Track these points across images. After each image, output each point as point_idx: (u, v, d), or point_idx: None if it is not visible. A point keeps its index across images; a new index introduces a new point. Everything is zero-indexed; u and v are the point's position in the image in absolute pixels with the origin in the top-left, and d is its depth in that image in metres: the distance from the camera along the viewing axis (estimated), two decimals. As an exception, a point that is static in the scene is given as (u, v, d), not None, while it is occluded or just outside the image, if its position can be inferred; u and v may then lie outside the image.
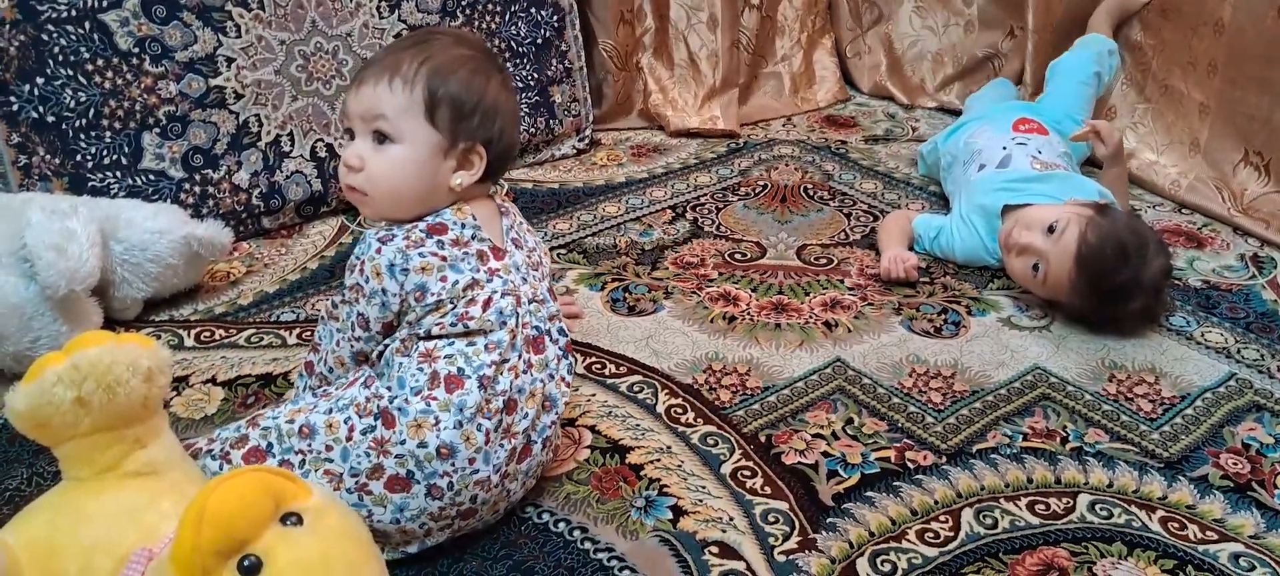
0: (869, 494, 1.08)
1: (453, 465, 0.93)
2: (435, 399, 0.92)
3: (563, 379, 1.03)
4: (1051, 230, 1.39)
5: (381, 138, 0.97)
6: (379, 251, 0.95)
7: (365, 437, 0.93)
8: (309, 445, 0.94)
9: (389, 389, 0.94)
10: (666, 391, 1.26)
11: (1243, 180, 1.69)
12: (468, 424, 0.93)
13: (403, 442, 0.92)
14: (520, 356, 0.97)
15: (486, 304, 0.95)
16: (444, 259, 0.95)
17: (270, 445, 0.96)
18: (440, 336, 0.95)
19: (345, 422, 0.94)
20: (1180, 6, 1.80)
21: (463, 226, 0.98)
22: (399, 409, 0.92)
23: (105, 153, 1.50)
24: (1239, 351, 1.36)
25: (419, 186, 0.98)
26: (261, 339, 1.37)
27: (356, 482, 0.93)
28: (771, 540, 1.01)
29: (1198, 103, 1.76)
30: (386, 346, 0.98)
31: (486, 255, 0.98)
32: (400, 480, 0.92)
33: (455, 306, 0.94)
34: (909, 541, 1.02)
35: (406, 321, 0.96)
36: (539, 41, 1.93)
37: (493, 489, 0.97)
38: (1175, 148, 1.82)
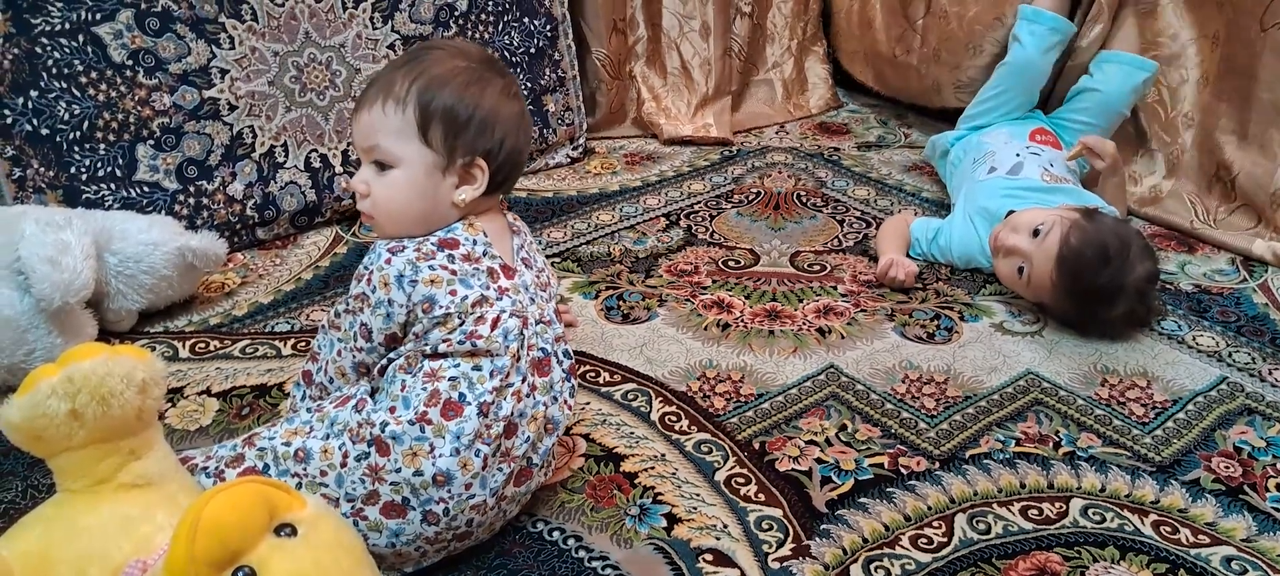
0: (862, 500, 1.09)
1: (449, 492, 0.92)
2: (430, 424, 0.91)
3: (566, 402, 1.02)
4: (1037, 233, 1.40)
5: (382, 162, 0.98)
6: (388, 262, 0.94)
7: (359, 464, 0.92)
8: (304, 469, 0.94)
9: (392, 410, 0.93)
10: (660, 399, 1.26)
11: (1215, 197, 1.70)
12: (465, 450, 0.92)
13: (398, 470, 0.91)
14: (524, 380, 0.97)
15: (495, 323, 0.94)
16: (454, 272, 0.94)
17: (267, 466, 0.95)
18: (447, 354, 0.93)
19: (340, 449, 0.93)
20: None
21: (474, 242, 0.97)
22: (393, 437, 0.91)
23: (99, 165, 1.50)
24: (1230, 355, 1.36)
25: (421, 207, 0.98)
26: (256, 350, 1.37)
27: (352, 507, 0.92)
28: (765, 547, 1.02)
29: (1183, 114, 1.77)
30: (390, 361, 0.97)
31: (497, 273, 0.97)
32: (396, 506, 0.92)
33: (464, 323, 0.93)
34: (903, 547, 1.02)
35: (413, 335, 0.95)
36: (532, 51, 1.94)
37: (489, 512, 0.97)
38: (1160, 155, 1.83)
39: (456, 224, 0.98)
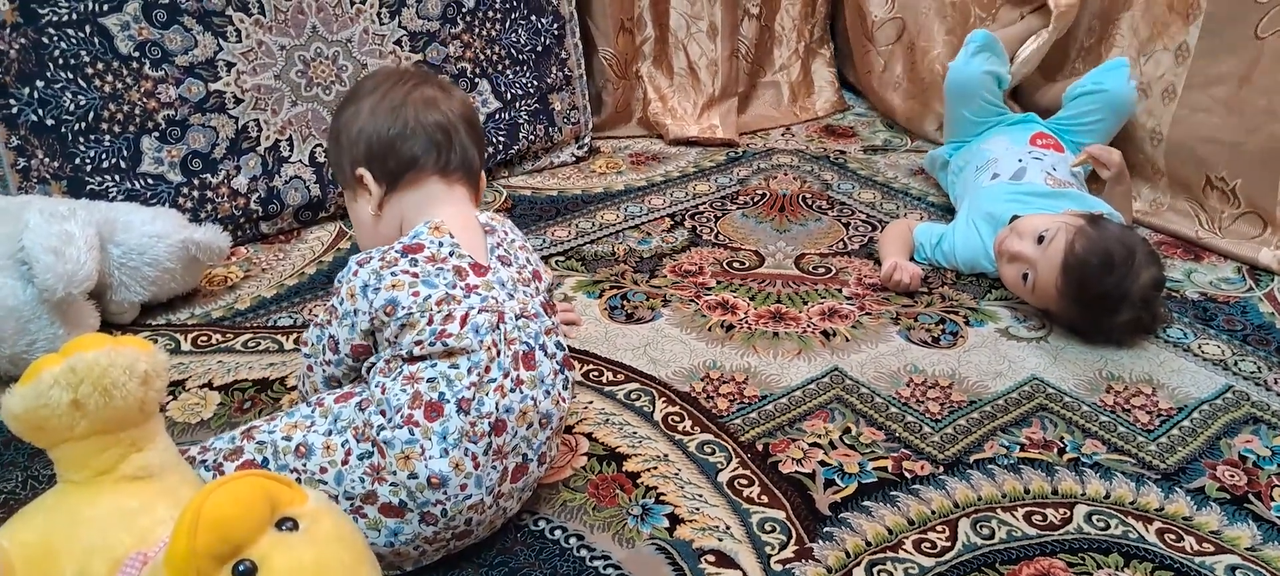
0: (866, 503, 1.08)
1: (445, 493, 0.92)
2: (417, 426, 0.91)
3: (560, 395, 1.02)
4: (1041, 239, 1.39)
5: None
6: (355, 274, 0.97)
7: (361, 463, 0.92)
8: (304, 464, 0.93)
9: (383, 414, 0.92)
10: (664, 399, 1.26)
11: (1214, 203, 1.69)
12: (454, 450, 0.92)
13: (395, 472, 0.91)
14: (506, 375, 0.96)
15: (464, 320, 0.94)
16: (416, 275, 0.95)
17: (265, 460, 0.95)
18: (422, 357, 0.94)
19: (342, 446, 0.93)
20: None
21: (440, 244, 0.98)
22: (386, 442, 0.91)
23: (104, 156, 1.50)
24: (1236, 363, 1.36)
25: (366, 235, 1.08)
26: (258, 344, 1.37)
27: (351, 505, 0.92)
28: (768, 549, 1.01)
29: (1149, 129, 1.77)
30: (371, 367, 0.97)
31: (465, 271, 0.97)
32: (394, 507, 0.92)
33: (432, 322, 0.93)
34: (906, 551, 1.02)
35: (385, 341, 0.96)
36: (539, 49, 1.94)
37: (487, 510, 0.96)
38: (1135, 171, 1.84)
39: (421, 228, 1.00)
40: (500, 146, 1.90)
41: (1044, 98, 1.96)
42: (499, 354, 0.96)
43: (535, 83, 1.94)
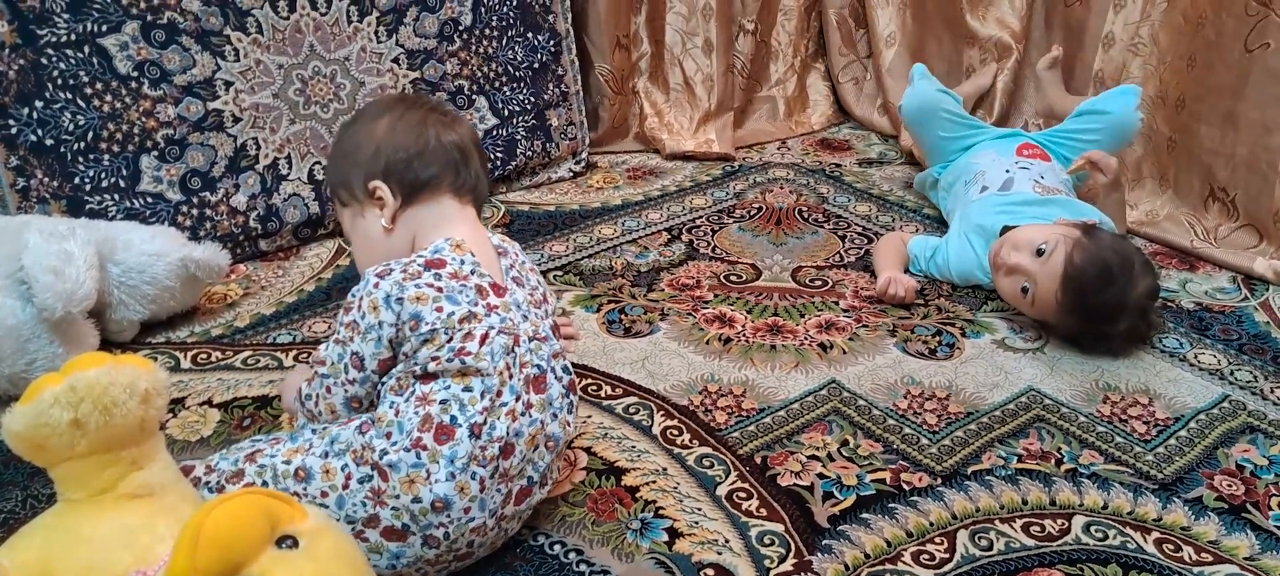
0: (864, 515, 1.08)
1: (448, 517, 0.92)
2: (425, 449, 0.91)
3: (565, 419, 1.02)
4: (1040, 252, 1.40)
5: None
6: (376, 286, 0.94)
7: (362, 487, 0.92)
8: (304, 488, 0.93)
9: (388, 436, 0.92)
10: (662, 413, 1.26)
11: (1213, 216, 1.70)
12: (461, 474, 0.91)
13: (397, 497, 0.91)
14: (518, 398, 0.96)
15: (483, 340, 0.94)
16: (439, 290, 0.95)
17: (266, 484, 0.94)
18: (437, 374, 0.93)
19: (342, 470, 0.93)
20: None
21: (462, 261, 0.97)
22: (391, 465, 0.91)
23: (103, 175, 1.51)
24: (1232, 373, 1.36)
25: (371, 254, 1.04)
26: (258, 361, 1.37)
27: (352, 530, 0.92)
28: (767, 562, 1.01)
29: (1166, 137, 1.78)
30: (382, 385, 0.96)
31: (486, 291, 0.97)
32: (396, 531, 0.91)
33: (452, 339, 0.93)
34: (904, 563, 1.02)
35: (402, 355, 0.95)
36: (536, 66, 1.95)
37: (489, 532, 0.96)
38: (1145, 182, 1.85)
39: (442, 244, 0.99)
40: (498, 162, 1.91)
41: (1060, 104, 1.97)
42: (511, 377, 0.96)
43: (532, 99, 1.95)
